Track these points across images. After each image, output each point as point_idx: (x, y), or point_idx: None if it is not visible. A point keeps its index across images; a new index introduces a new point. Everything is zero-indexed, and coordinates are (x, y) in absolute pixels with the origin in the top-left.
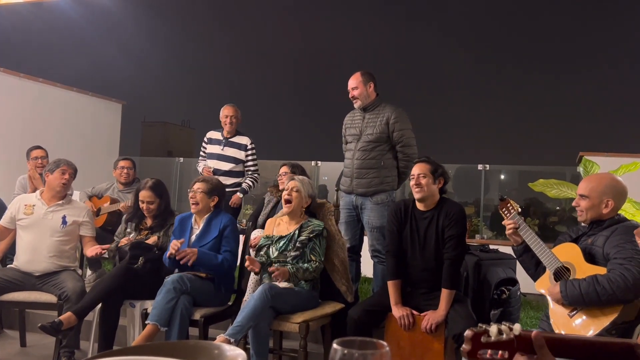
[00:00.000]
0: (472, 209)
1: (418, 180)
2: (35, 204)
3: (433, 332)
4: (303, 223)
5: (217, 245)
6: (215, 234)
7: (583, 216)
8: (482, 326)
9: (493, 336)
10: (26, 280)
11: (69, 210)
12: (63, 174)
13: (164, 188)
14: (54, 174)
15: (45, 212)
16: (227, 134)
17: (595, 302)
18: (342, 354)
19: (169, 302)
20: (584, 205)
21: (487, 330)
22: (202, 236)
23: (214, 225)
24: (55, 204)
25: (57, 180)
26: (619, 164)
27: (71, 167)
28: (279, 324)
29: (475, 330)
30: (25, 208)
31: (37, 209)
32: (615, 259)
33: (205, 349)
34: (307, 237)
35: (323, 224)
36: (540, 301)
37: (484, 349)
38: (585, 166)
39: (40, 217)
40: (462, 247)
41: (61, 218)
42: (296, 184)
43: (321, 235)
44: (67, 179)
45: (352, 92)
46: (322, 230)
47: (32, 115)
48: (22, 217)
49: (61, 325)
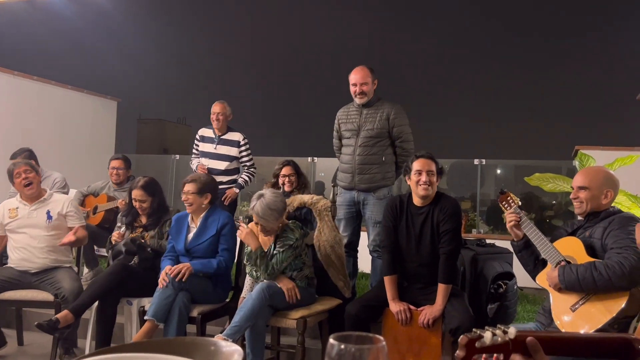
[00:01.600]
0: (468, 204)
1: (429, 178)
2: (18, 206)
3: (430, 327)
4: (278, 233)
5: (215, 244)
6: (213, 232)
7: (582, 208)
8: (477, 331)
9: (487, 341)
10: (22, 278)
11: (52, 204)
12: (19, 177)
13: (157, 186)
14: (15, 182)
15: (30, 212)
16: (218, 131)
17: (592, 287)
18: (338, 348)
19: (166, 298)
20: (584, 197)
21: (481, 336)
22: (199, 235)
23: (211, 223)
24: (37, 201)
25: (20, 185)
26: (615, 157)
27: (20, 165)
28: (276, 320)
29: (469, 337)
30: (10, 212)
31: (20, 211)
32: (612, 248)
33: (202, 346)
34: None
35: (298, 234)
36: (538, 295)
37: (478, 354)
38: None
39: (25, 217)
40: (457, 242)
41: (46, 214)
42: (260, 220)
43: (297, 246)
44: (25, 177)
45: (362, 87)
46: (295, 241)
47: (27, 113)
48: (8, 222)
49: (58, 324)
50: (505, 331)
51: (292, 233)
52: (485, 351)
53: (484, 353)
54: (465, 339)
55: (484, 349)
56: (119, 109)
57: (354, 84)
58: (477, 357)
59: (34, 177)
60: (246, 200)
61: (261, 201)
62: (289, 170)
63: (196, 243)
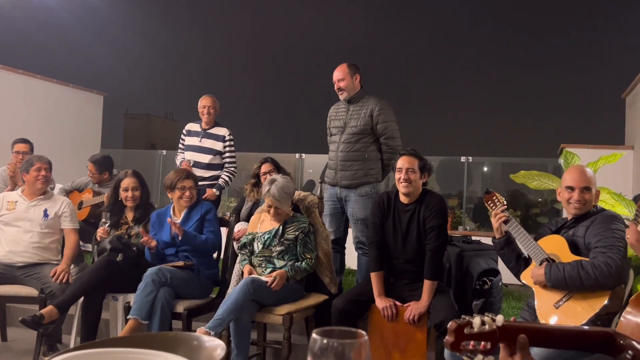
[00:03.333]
0: (455, 201)
1: (407, 175)
2: (17, 200)
3: (416, 323)
4: (287, 219)
5: (200, 228)
6: (197, 218)
7: (584, 209)
8: (465, 318)
9: (476, 327)
10: (7, 272)
11: (50, 203)
12: (39, 171)
13: (144, 179)
14: (30, 173)
15: (27, 207)
16: (206, 125)
17: (578, 286)
18: (321, 343)
19: (147, 295)
20: (589, 198)
21: (470, 322)
22: (183, 224)
23: (195, 213)
24: (36, 198)
25: (35, 178)
26: (599, 155)
27: (44, 161)
28: (262, 316)
29: (458, 322)
30: (8, 204)
31: (19, 205)
32: (597, 247)
33: (185, 340)
34: (294, 235)
35: (308, 220)
36: (522, 291)
37: (466, 341)
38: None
39: (23, 211)
40: (443, 238)
41: (43, 212)
42: (275, 203)
43: (309, 231)
44: (44, 175)
45: (338, 83)
46: (308, 225)
47: (12, 107)
48: (4, 213)
49: (42, 319)
50: (494, 319)
51: (302, 217)
52: (473, 338)
53: (472, 340)
54: (455, 324)
55: (472, 336)
56: (105, 103)
57: (334, 81)
58: (465, 343)
59: (50, 176)
60: (233, 196)
61: (275, 184)
62: (269, 166)
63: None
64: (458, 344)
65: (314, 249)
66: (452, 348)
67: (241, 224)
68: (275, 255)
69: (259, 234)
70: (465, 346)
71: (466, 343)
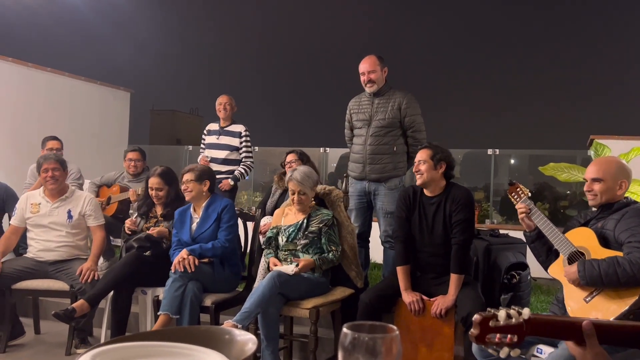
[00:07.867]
0: (481, 194)
1: (417, 167)
2: (40, 202)
3: (443, 317)
4: (312, 212)
5: (217, 229)
6: (214, 217)
7: (597, 200)
8: (491, 311)
9: (502, 320)
10: (39, 267)
11: (73, 204)
12: (46, 173)
13: (174, 176)
14: (41, 175)
15: (51, 209)
16: (223, 123)
17: (614, 283)
18: (352, 337)
19: (176, 290)
20: (598, 189)
21: (495, 315)
22: (202, 224)
23: (212, 210)
24: (59, 199)
25: (44, 180)
26: (630, 146)
27: (51, 162)
28: (289, 310)
29: (483, 315)
30: (32, 207)
31: (42, 207)
32: (630, 242)
33: (216, 334)
34: (318, 228)
35: (331, 213)
36: (551, 285)
37: (492, 333)
38: (597, 149)
39: (47, 214)
40: (470, 232)
41: (66, 213)
42: (300, 188)
43: (333, 224)
44: (51, 176)
45: (369, 75)
46: (331, 218)
47: (41, 104)
48: (29, 216)
49: (74, 313)
50: (520, 312)
51: (325, 210)
52: (499, 331)
53: (498, 333)
54: (479, 317)
55: (498, 329)
56: (132, 100)
57: (362, 73)
58: (491, 336)
59: (60, 175)
60: (258, 190)
61: (297, 170)
62: (293, 156)
63: (201, 231)
64: (483, 337)
65: (338, 242)
66: (477, 341)
67: (267, 218)
68: (299, 249)
69: (284, 227)
70: (491, 339)
71: (492, 336)
